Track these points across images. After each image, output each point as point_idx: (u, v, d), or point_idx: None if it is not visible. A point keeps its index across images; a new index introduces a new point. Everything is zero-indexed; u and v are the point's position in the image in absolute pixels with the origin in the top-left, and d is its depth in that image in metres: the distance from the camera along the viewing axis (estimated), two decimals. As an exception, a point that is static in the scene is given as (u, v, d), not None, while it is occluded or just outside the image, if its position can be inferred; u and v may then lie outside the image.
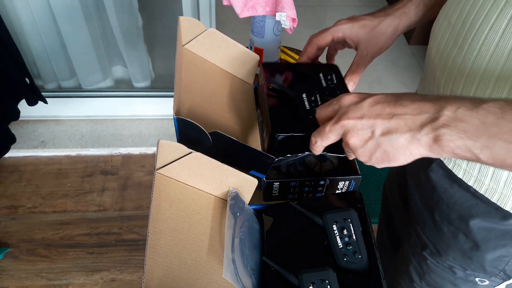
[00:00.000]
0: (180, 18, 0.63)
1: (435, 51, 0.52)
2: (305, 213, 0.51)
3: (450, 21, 0.49)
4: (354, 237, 0.46)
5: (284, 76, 0.61)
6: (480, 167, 0.48)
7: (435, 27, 0.54)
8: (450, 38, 0.49)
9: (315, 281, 0.44)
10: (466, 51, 0.46)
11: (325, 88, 0.57)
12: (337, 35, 0.59)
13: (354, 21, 0.58)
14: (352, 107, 0.40)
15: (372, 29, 0.58)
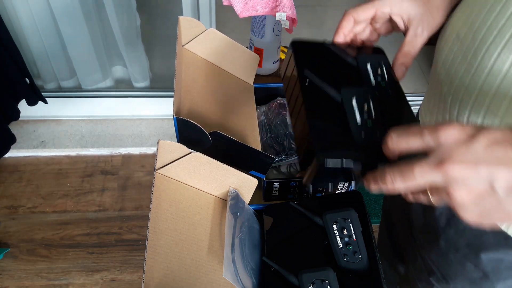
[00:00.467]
0: (180, 18, 0.63)
1: (441, 65, 0.49)
2: (305, 213, 0.51)
3: (459, 35, 0.45)
4: (354, 237, 0.46)
5: (323, 66, 0.47)
6: None
7: (441, 39, 0.50)
8: (458, 53, 0.45)
9: (315, 281, 0.44)
10: (476, 68, 0.42)
11: (375, 88, 0.45)
12: (383, 10, 0.47)
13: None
14: (461, 149, 0.30)
15: (426, 3, 0.47)
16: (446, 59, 0.47)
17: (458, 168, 0.29)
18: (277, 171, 0.63)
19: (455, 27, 0.46)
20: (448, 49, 0.47)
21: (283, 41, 0.79)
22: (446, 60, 0.47)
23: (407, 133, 0.33)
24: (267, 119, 0.67)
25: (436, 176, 0.31)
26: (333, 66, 0.48)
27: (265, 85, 0.71)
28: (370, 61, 0.48)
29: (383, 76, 0.47)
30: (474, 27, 0.43)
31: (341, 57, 0.49)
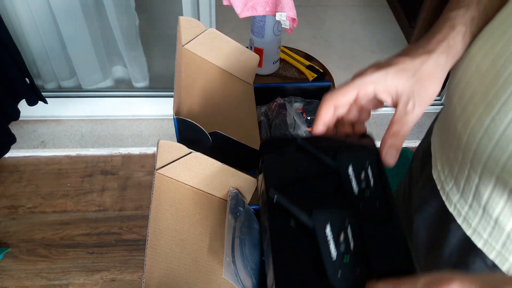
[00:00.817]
0: (180, 18, 0.63)
1: (457, 99, 0.43)
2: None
3: (480, 68, 0.40)
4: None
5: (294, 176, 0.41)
6: (505, 241, 0.41)
7: (458, 68, 0.43)
8: (477, 90, 0.39)
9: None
10: (498, 112, 0.37)
11: (358, 200, 0.39)
12: (365, 89, 0.41)
13: (386, 67, 0.41)
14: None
15: (415, 74, 0.40)
16: (463, 94, 0.41)
17: None
18: (277, 171, 0.63)
19: (475, 59, 0.40)
20: (465, 82, 0.41)
21: (283, 41, 0.79)
22: (463, 95, 0.41)
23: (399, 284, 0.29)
24: (267, 119, 0.67)
25: None
26: (307, 174, 0.41)
27: (265, 85, 0.71)
28: (352, 162, 0.40)
29: (368, 181, 0.40)
30: (498, 63, 0.37)
31: (318, 160, 0.42)
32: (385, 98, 0.42)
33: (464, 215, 0.46)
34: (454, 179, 0.46)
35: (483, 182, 0.41)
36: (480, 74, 0.39)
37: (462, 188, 0.45)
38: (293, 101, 0.70)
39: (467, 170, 0.43)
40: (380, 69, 0.40)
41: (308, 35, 2.05)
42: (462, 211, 0.46)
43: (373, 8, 2.28)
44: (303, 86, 0.71)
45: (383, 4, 2.30)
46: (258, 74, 0.76)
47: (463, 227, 0.46)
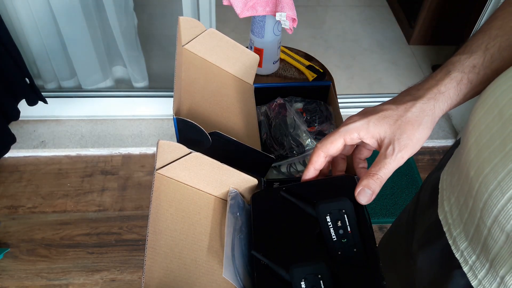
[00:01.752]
0: (180, 18, 0.63)
1: (473, 142, 0.40)
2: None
3: (502, 114, 0.37)
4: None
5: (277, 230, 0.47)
6: None
7: (480, 108, 0.41)
8: (496, 136, 0.37)
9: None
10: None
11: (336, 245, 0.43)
12: (351, 137, 0.43)
13: (369, 114, 0.42)
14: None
15: (398, 120, 0.41)
16: (481, 137, 0.39)
17: None
18: (277, 171, 0.63)
19: (499, 102, 0.38)
20: (485, 125, 0.39)
21: (283, 41, 0.79)
22: (480, 139, 0.39)
23: None
24: (267, 119, 0.67)
25: None
26: (291, 225, 0.46)
27: (265, 85, 0.71)
28: (330, 210, 0.43)
29: (345, 228, 0.43)
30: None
31: (300, 210, 0.46)
32: (370, 143, 0.43)
33: (471, 264, 0.43)
34: (463, 224, 0.44)
35: (492, 237, 0.39)
36: (502, 120, 0.37)
37: (471, 236, 0.42)
38: (293, 101, 0.70)
39: (476, 220, 0.41)
40: (364, 117, 0.42)
41: (308, 35, 2.05)
42: (469, 260, 0.43)
43: (373, 8, 2.28)
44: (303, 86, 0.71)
45: (383, 4, 2.30)
46: (258, 74, 0.76)
47: (468, 277, 0.43)
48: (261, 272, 0.45)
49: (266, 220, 0.49)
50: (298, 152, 0.62)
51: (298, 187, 0.50)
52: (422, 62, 1.96)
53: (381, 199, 1.50)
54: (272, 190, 0.52)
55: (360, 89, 1.83)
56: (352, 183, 0.48)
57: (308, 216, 0.47)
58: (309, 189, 0.49)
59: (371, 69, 1.92)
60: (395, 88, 1.84)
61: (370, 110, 0.43)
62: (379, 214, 1.45)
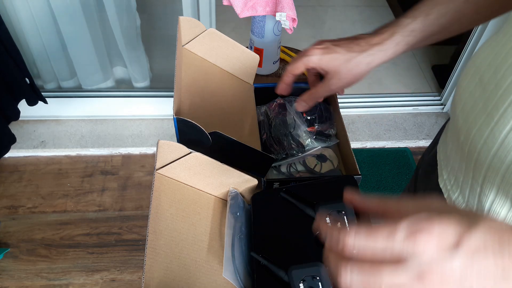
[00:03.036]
0: (180, 18, 0.63)
1: (460, 110, 0.45)
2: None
3: (482, 79, 0.41)
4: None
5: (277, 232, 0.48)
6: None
7: (464, 78, 0.46)
8: (479, 100, 0.41)
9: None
10: (496, 122, 0.38)
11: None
12: (309, 64, 0.56)
13: (325, 52, 0.54)
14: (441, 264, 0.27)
15: (343, 63, 0.54)
16: (466, 103, 0.44)
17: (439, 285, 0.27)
18: (277, 171, 0.63)
19: (479, 69, 0.43)
20: (469, 92, 0.44)
21: (283, 41, 0.79)
22: (465, 105, 0.44)
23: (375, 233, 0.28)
24: (267, 119, 0.67)
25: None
26: (290, 226, 0.48)
27: (265, 85, 0.71)
28: (330, 212, 0.45)
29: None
30: (498, 74, 0.39)
31: (299, 211, 0.48)
32: (320, 72, 0.57)
33: None
34: (460, 188, 0.47)
35: (484, 192, 0.42)
36: (482, 85, 0.41)
37: (467, 197, 0.46)
38: (293, 101, 0.70)
39: (470, 180, 0.44)
40: (321, 52, 0.54)
41: (308, 35, 2.05)
42: None
43: (373, 8, 2.28)
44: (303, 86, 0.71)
45: (383, 4, 2.30)
46: (258, 74, 0.75)
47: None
48: (261, 273, 0.46)
49: (266, 221, 0.50)
50: (298, 152, 0.62)
51: (298, 188, 0.50)
52: (422, 62, 1.96)
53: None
54: (272, 191, 0.52)
55: (360, 89, 1.83)
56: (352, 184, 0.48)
57: (308, 217, 0.47)
58: (309, 190, 0.49)
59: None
60: (395, 88, 1.84)
61: (328, 47, 0.54)
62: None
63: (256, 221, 0.50)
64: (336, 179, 0.53)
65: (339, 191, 0.48)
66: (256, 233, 0.49)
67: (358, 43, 0.54)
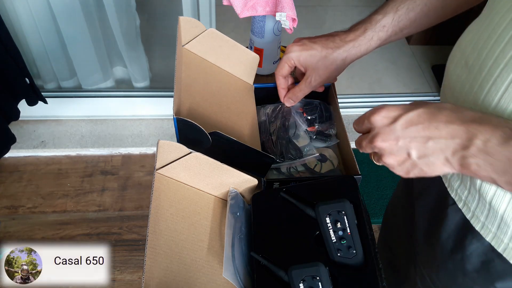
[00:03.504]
0: (180, 18, 0.63)
1: (450, 92, 0.47)
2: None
3: (467, 62, 0.44)
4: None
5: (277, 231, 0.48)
6: (499, 223, 0.44)
7: (450, 63, 0.48)
8: (465, 82, 0.44)
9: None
10: (482, 101, 0.41)
11: (335, 247, 0.45)
12: (290, 63, 0.59)
13: (303, 48, 0.58)
14: (385, 129, 0.40)
15: (320, 60, 0.57)
16: (454, 86, 0.46)
17: (384, 144, 0.40)
18: (277, 171, 0.63)
19: (464, 53, 0.45)
20: (456, 76, 0.46)
21: (283, 41, 0.79)
22: (454, 88, 0.46)
23: (358, 120, 0.44)
24: (268, 122, 0.67)
25: (374, 149, 0.42)
26: (290, 226, 0.48)
27: (265, 85, 0.71)
28: (329, 212, 0.45)
29: (344, 229, 0.45)
30: (482, 56, 0.41)
31: (299, 211, 0.48)
32: (300, 69, 0.60)
33: (464, 199, 0.48)
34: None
35: None
36: (468, 68, 0.44)
37: (461, 176, 0.48)
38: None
39: None
40: (299, 49, 0.58)
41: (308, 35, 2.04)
42: (462, 196, 0.48)
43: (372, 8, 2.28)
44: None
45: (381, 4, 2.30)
46: (258, 74, 0.75)
47: (463, 211, 0.49)
48: (261, 273, 0.46)
49: (266, 221, 0.50)
50: (295, 157, 0.62)
51: (298, 188, 0.50)
52: (422, 62, 1.96)
53: (381, 200, 1.50)
54: (272, 191, 0.52)
55: (360, 89, 1.83)
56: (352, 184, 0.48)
57: (308, 217, 0.47)
58: (309, 190, 0.49)
59: (371, 69, 1.92)
60: (395, 88, 1.84)
61: (306, 44, 0.58)
62: (379, 215, 1.45)
63: (256, 221, 0.50)
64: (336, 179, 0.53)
65: (339, 191, 0.48)
66: (256, 233, 0.49)
67: (333, 40, 0.57)
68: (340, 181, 0.51)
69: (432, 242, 0.55)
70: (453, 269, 0.52)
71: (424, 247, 0.58)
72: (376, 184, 1.54)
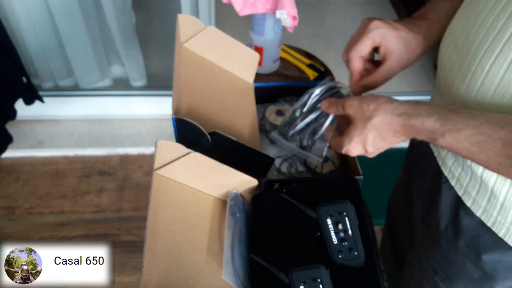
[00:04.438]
0: (179, 16, 0.63)
1: (441, 73, 0.50)
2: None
3: (457, 43, 0.46)
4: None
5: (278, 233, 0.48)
6: (489, 197, 0.46)
7: (442, 45, 0.50)
8: (455, 62, 0.46)
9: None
10: (470, 80, 0.43)
11: (336, 248, 0.44)
12: (376, 40, 0.51)
13: (390, 27, 0.51)
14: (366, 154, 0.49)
15: (406, 44, 0.51)
16: (445, 67, 0.48)
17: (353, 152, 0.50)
18: (277, 172, 0.62)
19: (455, 35, 0.47)
20: (447, 57, 0.48)
21: (283, 40, 0.79)
22: (445, 68, 0.48)
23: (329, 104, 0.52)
24: (318, 99, 0.62)
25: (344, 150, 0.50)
26: (291, 227, 0.48)
27: (265, 84, 0.71)
28: (331, 213, 0.45)
29: (346, 231, 0.44)
30: (469, 37, 0.44)
31: (300, 212, 0.48)
32: (381, 50, 0.52)
33: (457, 176, 0.50)
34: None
35: None
36: (457, 49, 0.45)
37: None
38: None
39: None
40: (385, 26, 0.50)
41: (309, 34, 2.04)
42: (456, 173, 0.50)
43: (374, 6, 2.27)
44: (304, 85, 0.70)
45: (385, 2, 2.30)
46: (258, 73, 0.75)
47: (456, 188, 0.51)
48: (261, 275, 0.45)
49: (266, 222, 0.49)
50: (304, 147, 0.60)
51: (299, 189, 0.50)
52: (423, 61, 1.96)
53: (383, 200, 1.49)
54: (272, 192, 0.51)
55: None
56: (353, 185, 0.48)
57: (309, 218, 0.47)
58: (310, 191, 0.49)
59: (371, 69, 1.92)
60: (395, 87, 1.84)
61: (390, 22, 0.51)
62: (381, 216, 1.44)
63: (256, 222, 0.50)
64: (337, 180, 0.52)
65: (340, 192, 0.48)
66: (256, 235, 0.49)
67: (415, 24, 0.52)
68: (342, 181, 0.50)
69: (428, 222, 0.57)
70: (446, 247, 0.54)
71: (421, 229, 0.59)
72: (378, 185, 1.53)
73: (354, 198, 0.46)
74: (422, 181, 0.59)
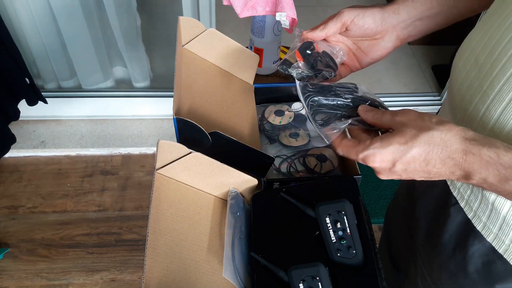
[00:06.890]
0: (180, 18, 0.63)
1: (457, 89, 0.47)
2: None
3: (478, 60, 0.43)
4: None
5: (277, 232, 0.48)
6: (502, 224, 0.44)
7: (459, 59, 0.47)
8: (475, 79, 0.43)
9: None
10: (492, 100, 0.40)
11: (335, 247, 0.45)
12: (347, 22, 0.51)
13: (362, 10, 0.51)
14: (386, 172, 0.41)
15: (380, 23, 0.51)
16: (462, 83, 0.45)
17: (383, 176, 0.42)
18: (277, 171, 0.63)
19: (475, 50, 0.44)
20: (465, 73, 0.45)
21: (283, 41, 0.79)
22: (462, 85, 0.45)
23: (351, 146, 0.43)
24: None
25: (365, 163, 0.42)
26: (290, 226, 0.48)
27: (265, 85, 0.71)
28: (329, 212, 0.45)
29: (344, 230, 0.45)
30: (493, 55, 0.41)
31: (299, 211, 0.48)
32: (357, 33, 0.52)
33: (466, 198, 0.48)
34: None
35: None
36: (478, 65, 0.43)
37: None
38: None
39: None
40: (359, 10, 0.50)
41: (308, 35, 2.04)
42: (465, 195, 0.48)
43: (373, 8, 2.28)
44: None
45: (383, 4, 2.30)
46: (258, 74, 0.75)
47: (465, 210, 0.48)
48: (260, 273, 0.46)
49: (266, 221, 0.50)
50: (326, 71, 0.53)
51: (298, 188, 0.50)
52: (422, 62, 1.96)
53: (381, 199, 1.50)
54: (272, 191, 0.52)
55: (360, 89, 1.82)
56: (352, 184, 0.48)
57: (308, 217, 0.47)
58: (309, 190, 0.49)
59: (371, 69, 1.92)
60: (395, 88, 1.84)
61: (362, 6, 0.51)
62: (379, 215, 1.45)
63: (256, 221, 0.50)
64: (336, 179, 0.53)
65: (339, 191, 0.48)
66: (256, 233, 0.49)
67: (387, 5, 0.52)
68: (340, 181, 0.51)
69: (434, 242, 0.55)
70: (454, 270, 0.52)
71: (425, 248, 0.58)
72: (376, 184, 1.54)
73: (353, 197, 0.47)
74: (427, 201, 0.57)
